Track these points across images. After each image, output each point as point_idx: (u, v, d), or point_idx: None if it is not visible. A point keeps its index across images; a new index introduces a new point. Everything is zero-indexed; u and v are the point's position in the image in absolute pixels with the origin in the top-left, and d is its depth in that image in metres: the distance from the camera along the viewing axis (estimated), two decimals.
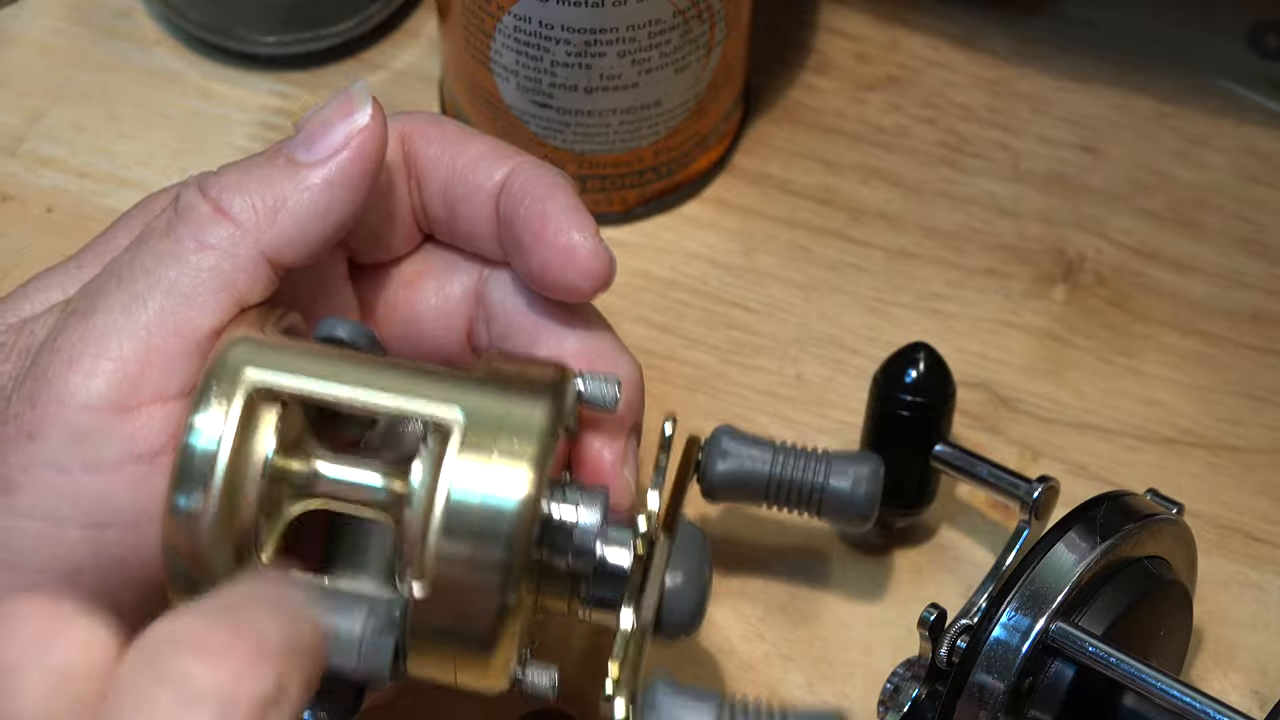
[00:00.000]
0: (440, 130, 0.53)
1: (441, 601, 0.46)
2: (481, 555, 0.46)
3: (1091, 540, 0.54)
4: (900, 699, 0.57)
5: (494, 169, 0.52)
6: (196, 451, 0.47)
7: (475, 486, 0.47)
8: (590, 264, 0.51)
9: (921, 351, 0.60)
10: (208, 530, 0.47)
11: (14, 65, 0.72)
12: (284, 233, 0.49)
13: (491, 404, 0.48)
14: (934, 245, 0.68)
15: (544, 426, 0.48)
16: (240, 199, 0.49)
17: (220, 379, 0.47)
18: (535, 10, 0.62)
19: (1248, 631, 0.61)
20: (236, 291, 0.49)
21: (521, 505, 0.47)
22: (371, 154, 0.50)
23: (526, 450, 0.47)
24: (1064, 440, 0.64)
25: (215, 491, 0.47)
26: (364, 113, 0.50)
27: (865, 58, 0.72)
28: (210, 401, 0.47)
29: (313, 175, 0.49)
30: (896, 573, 0.62)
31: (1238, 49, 0.72)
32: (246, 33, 0.71)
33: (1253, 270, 0.68)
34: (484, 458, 0.47)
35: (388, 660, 0.47)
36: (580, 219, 0.51)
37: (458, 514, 0.46)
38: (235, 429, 0.47)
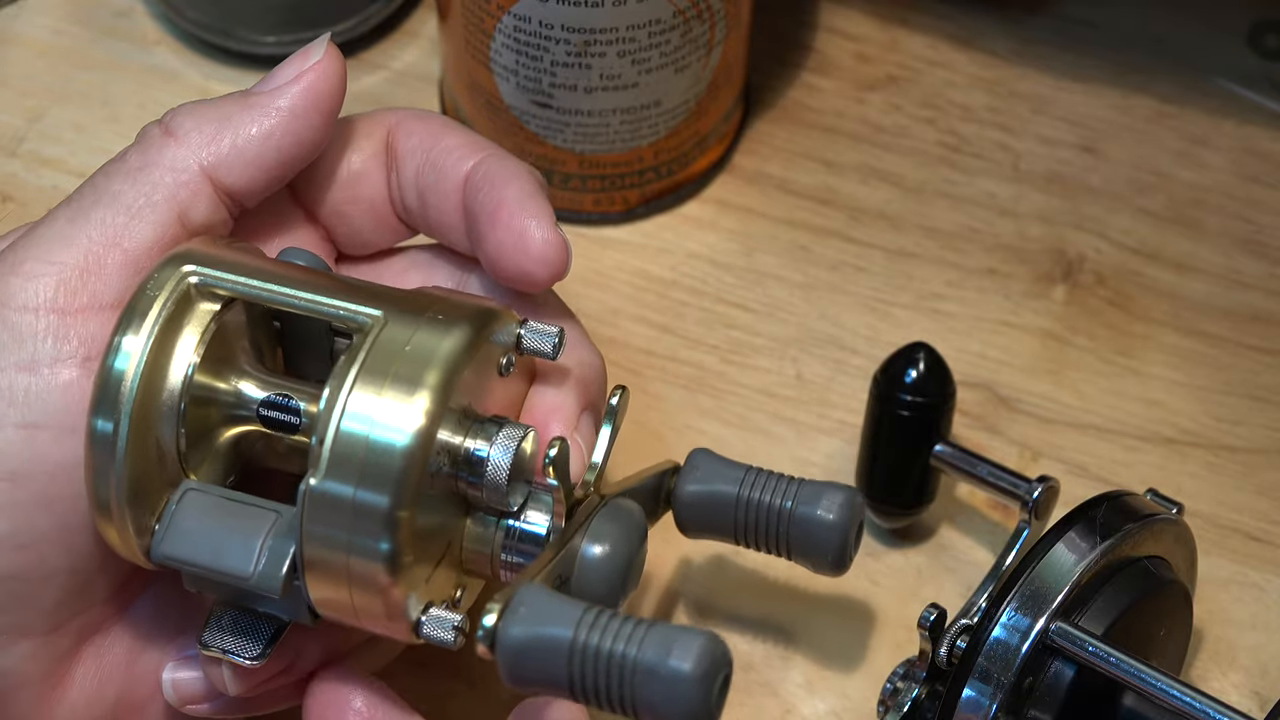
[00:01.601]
0: (423, 123, 0.54)
1: (333, 522, 0.46)
2: (366, 489, 0.46)
3: (1091, 540, 0.54)
4: (900, 699, 0.57)
5: (464, 159, 0.53)
6: (114, 371, 0.48)
7: (366, 417, 0.46)
8: (543, 250, 0.51)
9: (921, 351, 0.60)
10: (122, 451, 0.47)
11: (14, 65, 0.72)
12: (225, 151, 0.51)
13: (405, 321, 0.47)
14: (934, 245, 0.68)
15: (451, 352, 0.47)
16: (188, 121, 0.51)
17: (153, 281, 0.48)
18: (535, 10, 0.62)
19: (1248, 631, 0.61)
20: (178, 207, 0.50)
21: (412, 441, 0.46)
22: (320, 90, 0.51)
23: (428, 377, 0.47)
24: (1064, 440, 0.64)
25: (126, 412, 0.47)
26: (318, 53, 0.52)
27: (865, 58, 0.72)
28: (134, 318, 0.48)
29: (260, 100, 0.51)
30: (896, 573, 0.62)
31: (1238, 49, 0.72)
32: (246, 33, 0.71)
33: (1253, 270, 0.68)
34: (379, 384, 0.46)
35: (282, 570, 0.47)
36: (536, 206, 0.52)
37: (346, 445, 0.46)
38: (154, 340, 0.48)
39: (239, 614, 0.49)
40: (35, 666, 0.50)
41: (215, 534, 0.48)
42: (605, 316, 0.66)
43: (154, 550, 0.48)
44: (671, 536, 0.62)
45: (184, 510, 0.48)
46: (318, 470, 0.46)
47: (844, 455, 0.63)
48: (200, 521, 0.48)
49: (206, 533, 0.48)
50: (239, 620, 0.49)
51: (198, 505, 0.48)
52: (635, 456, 0.63)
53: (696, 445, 0.63)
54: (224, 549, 0.47)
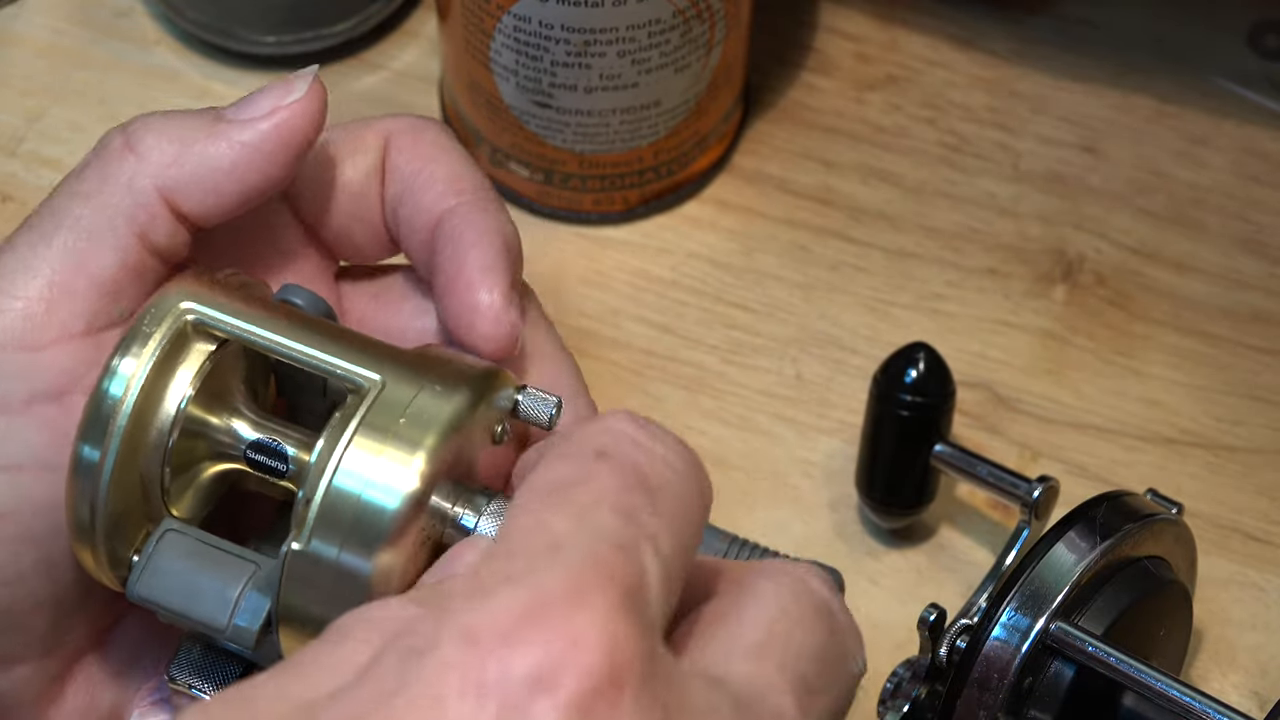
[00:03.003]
0: (415, 141, 0.52)
1: (313, 582, 0.46)
2: (350, 552, 0.45)
3: (1091, 540, 0.54)
4: (900, 699, 0.57)
5: (442, 199, 0.51)
6: (106, 399, 0.47)
7: (360, 476, 0.45)
8: (490, 329, 0.50)
9: (921, 351, 0.60)
10: (106, 482, 0.47)
11: (14, 65, 0.72)
12: (184, 175, 0.49)
13: (405, 383, 0.47)
14: (934, 245, 0.68)
15: (450, 418, 0.46)
16: (151, 137, 0.49)
17: (149, 317, 0.47)
18: (535, 10, 0.62)
19: (1248, 631, 0.61)
20: (137, 228, 0.49)
21: (404, 505, 0.45)
22: (293, 129, 0.49)
23: (426, 440, 0.46)
24: (1064, 440, 0.64)
25: (115, 440, 0.47)
26: (300, 89, 0.50)
27: (865, 58, 0.72)
28: (134, 344, 0.47)
29: (228, 131, 0.49)
30: (896, 573, 0.62)
31: (1238, 49, 0.72)
32: (246, 33, 0.71)
33: (1253, 270, 0.68)
34: (378, 443, 0.46)
35: (257, 625, 0.47)
36: (493, 279, 0.50)
37: (335, 503, 0.45)
38: (149, 373, 0.47)
39: (208, 650, 0.49)
40: (30, 690, 0.50)
41: (192, 580, 0.47)
42: (605, 316, 0.66)
43: (130, 589, 0.48)
44: None
45: (163, 552, 0.47)
46: (303, 530, 0.45)
47: (844, 455, 0.63)
48: (178, 565, 0.47)
49: (183, 578, 0.47)
50: (207, 656, 0.49)
51: (177, 548, 0.47)
52: None
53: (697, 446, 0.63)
54: (200, 597, 0.47)
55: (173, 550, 0.47)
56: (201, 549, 0.47)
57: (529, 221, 0.68)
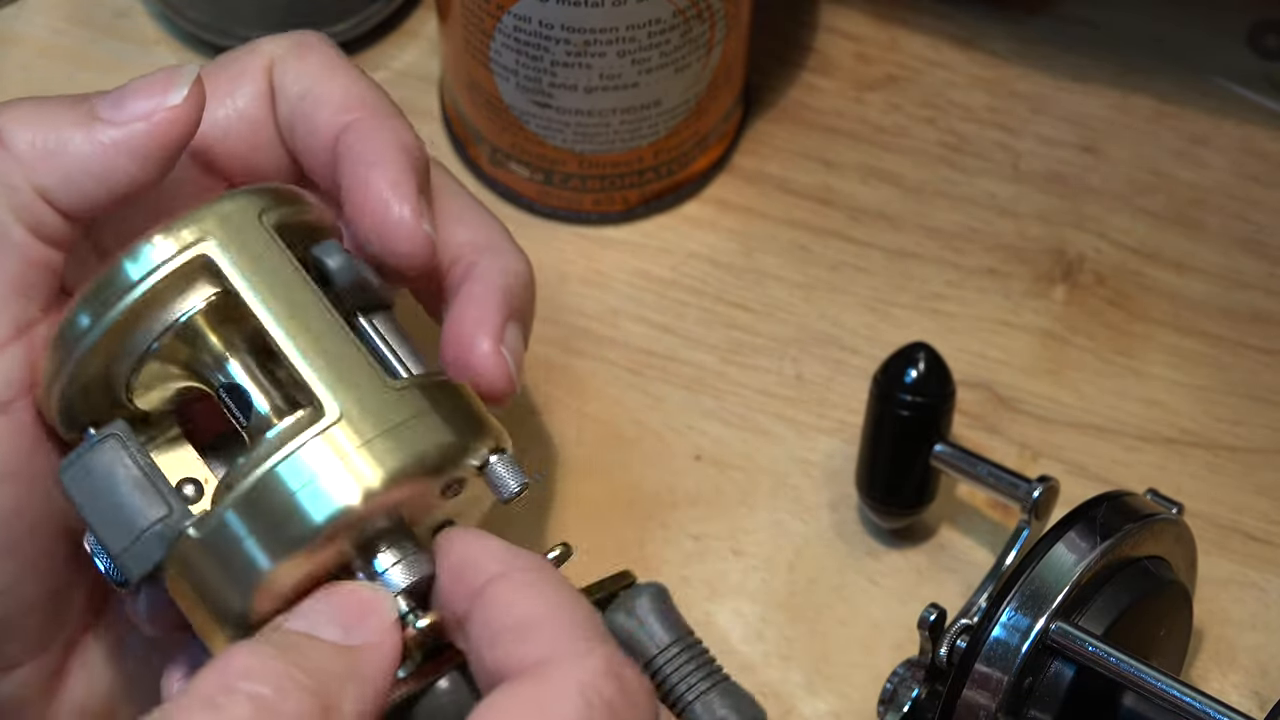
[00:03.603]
0: (300, 61, 0.51)
1: (209, 554, 0.45)
2: (258, 543, 0.45)
3: (1091, 540, 0.54)
4: (900, 699, 0.57)
5: (335, 118, 0.50)
6: (120, 276, 0.46)
7: (304, 472, 0.45)
8: (406, 247, 0.49)
9: (921, 351, 0.60)
10: (83, 352, 0.46)
11: (14, 65, 0.72)
12: (58, 178, 0.48)
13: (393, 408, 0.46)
14: (934, 245, 0.68)
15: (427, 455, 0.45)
16: (24, 132, 0.48)
17: (188, 227, 0.47)
18: (535, 10, 0.62)
19: (1248, 631, 0.61)
20: (24, 222, 0.48)
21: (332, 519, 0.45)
22: (168, 135, 0.48)
23: (390, 463, 0.45)
24: (1064, 440, 0.64)
25: (107, 322, 0.46)
26: (178, 94, 0.48)
27: (865, 58, 0.72)
28: (162, 240, 0.47)
29: (101, 132, 0.48)
30: (896, 573, 0.62)
31: (1238, 49, 0.72)
32: (246, 33, 0.71)
33: (1253, 270, 0.68)
34: (341, 448, 0.45)
35: (145, 568, 0.46)
36: (401, 192, 0.49)
37: (267, 489, 0.45)
38: (166, 275, 0.46)
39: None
40: (31, 688, 0.50)
41: (108, 496, 0.47)
42: (605, 316, 0.66)
43: (60, 472, 0.47)
44: (672, 535, 0.62)
45: (97, 454, 0.47)
46: (223, 499, 0.45)
47: (844, 455, 0.63)
48: (103, 475, 0.47)
49: (102, 490, 0.47)
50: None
51: (110, 456, 0.47)
52: (636, 456, 0.63)
53: (697, 446, 0.64)
54: (108, 516, 0.47)
55: (106, 457, 0.47)
56: (129, 469, 0.47)
57: (529, 221, 0.68)
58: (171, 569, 0.46)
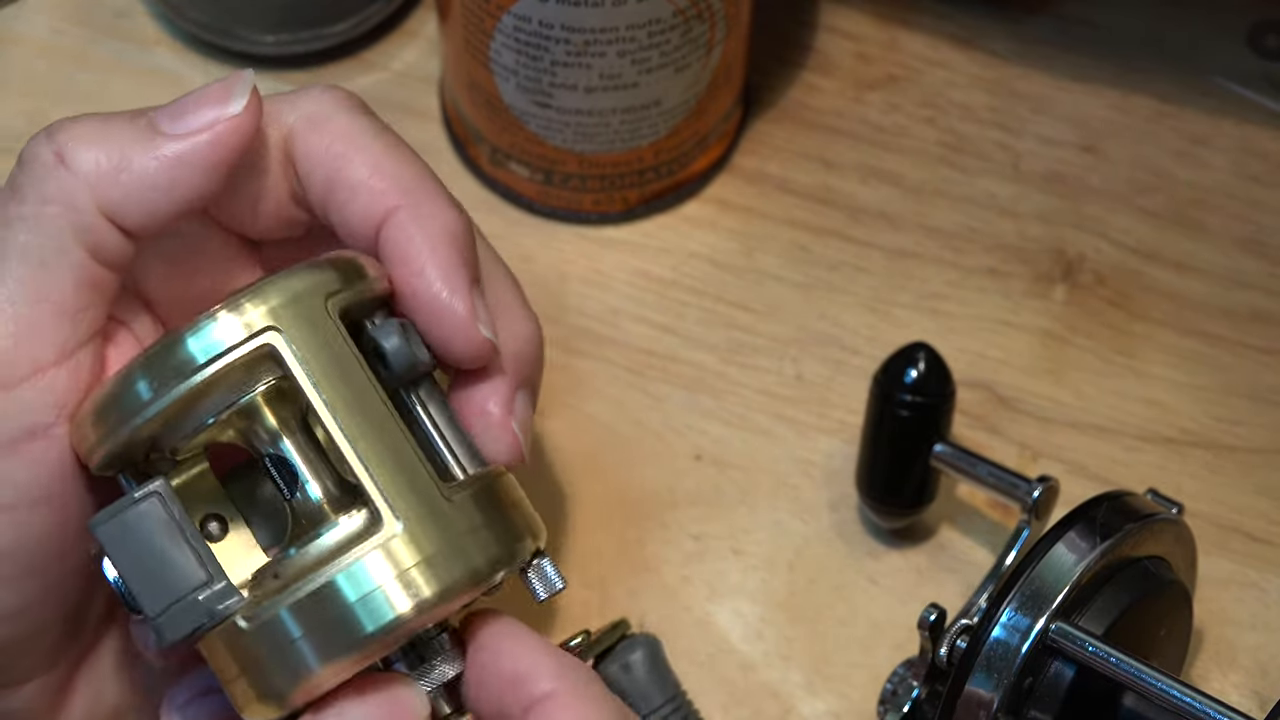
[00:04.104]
0: (327, 137, 0.50)
1: (255, 643, 0.46)
2: (310, 645, 0.45)
3: (1091, 540, 0.54)
4: (900, 699, 0.57)
5: (372, 203, 0.49)
6: (183, 352, 0.46)
7: (365, 582, 0.46)
8: (466, 350, 0.49)
9: (921, 351, 0.60)
10: (138, 423, 0.46)
11: (14, 65, 0.72)
12: (124, 195, 0.47)
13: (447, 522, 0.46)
14: (934, 245, 0.68)
15: (477, 573, 0.46)
16: (86, 151, 0.47)
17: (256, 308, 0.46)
18: (535, 10, 0.62)
19: (1248, 631, 0.61)
20: (85, 245, 0.47)
21: (379, 630, 0.45)
22: (231, 145, 0.48)
23: (445, 580, 0.46)
24: (1064, 440, 0.64)
25: (167, 400, 0.46)
26: (238, 102, 0.48)
27: (865, 58, 0.72)
28: (229, 319, 0.46)
29: (165, 146, 0.47)
30: (896, 573, 0.62)
31: (1238, 49, 0.72)
32: (246, 33, 0.71)
33: (1253, 270, 0.68)
34: (401, 562, 0.46)
35: (179, 636, 0.46)
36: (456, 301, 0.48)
37: (326, 595, 0.46)
38: (232, 360, 0.46)
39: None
40: (39, 702, 0.50)
41: (145, 557, 0.46)
42: (605, 316, 0.66)
43: (92, 525, 0.47)
44: (672, 535, 0.62)
45: (139, 512, 0.47)
46: (279, 598, 0.46)
47: (844, 455, 0.63)
48: (142, 534, 0.46)
49: (139, 550, 0.46)
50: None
51: (152, 516, 0.47)
52: (636, 456, 0.63)
53: (697, 446, 0.64)
54: (145, 576, 0.46)
55: (147, 516, 0.46)
56: (171, 532, 0.46)
57: (529, 221, 0.68)
58: (215, 638, 0.46)
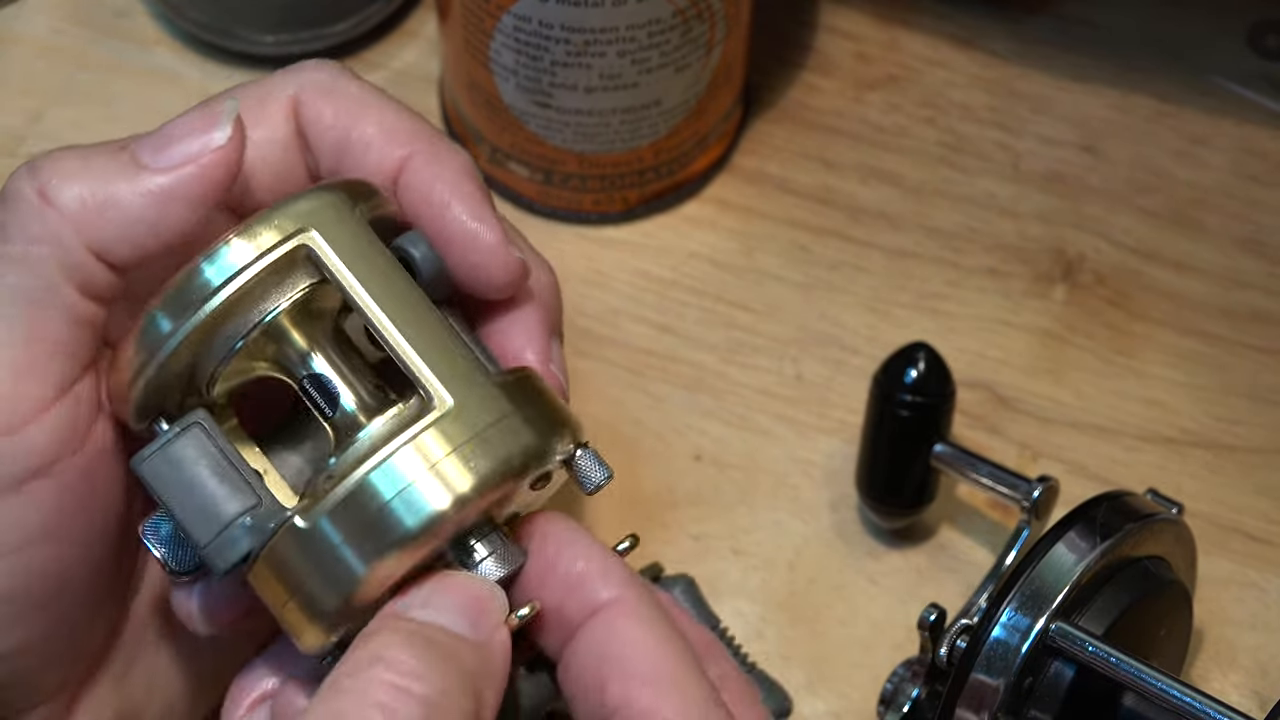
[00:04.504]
0: (336, 101, 0.50)
1: (303, 553, 0.45)
2: (353, 548, 0.45)
3: (1091, 540, 0.54)
4: (900, 699, 0.57)
5: (388, 151, 0.50)
6: (199, 279, 0.46)
7: (399, 479, 0.45)
8: (501, 275, 0.49)
9: (921, 351, 0.60)
10: (165, 355, 0.46)
11: (14, 65, 0.72)
12: (111, 233, 0.47)
13: (486, 405, 0.46)
14: (934, 245, 0.68)
15: (516, 459, 0.46)
16: (70, 188, 0.47)
17: (277, 219, 0.46)
18: (535, 10, 0.62)
19: (1248, 631, 0.61)
20: (74, 282, 0.47)
21: (419, 526, 0.45)
22: (218, 178, 0.47)
23: (481, 469, 0.45)
24: (1064, 440, 0.64)
25: (190, 326, 0.46)
26: (222, 132, 0.47)
27: (865, 58, 0.72)
28: (249, 239, 0.46)
29: (150, 181, 0.47)
30: (896, 573, 0.62)
31: (1238, 49, 0.72)
32: (246, 33, 0.71)
33: (1253, 270, 0.68)
34: (431, 455, 0.45)
35: (233, 560, 0.46)
36: (486, 224, 0.49)
37: (361, 496, 0.45)
38: (249, 278, 0.46)
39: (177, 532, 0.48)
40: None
41: (194, 486, 0.46)
42: (605, 316, 0.66)
43: (136, 462, 0.47)
44: (672, 535, 0.62)
45: (182, 444, 0.47)
46: (316, 504, 0.45)
47: (844, 455, 0.63)
48: (188, 465, 0.46)
49: (188, 479, 0.46)
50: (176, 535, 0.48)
51: (195, 446, 0.47)
52: (637, 456, 0.63)
53: (697, 446, 0.64)
54: (194, 506, 0.46)
55: (191, 447, 0.47)
56: (217, 458, 0.46)
57: (529, 221, 0.68)
58: (261, 564, 0.46)
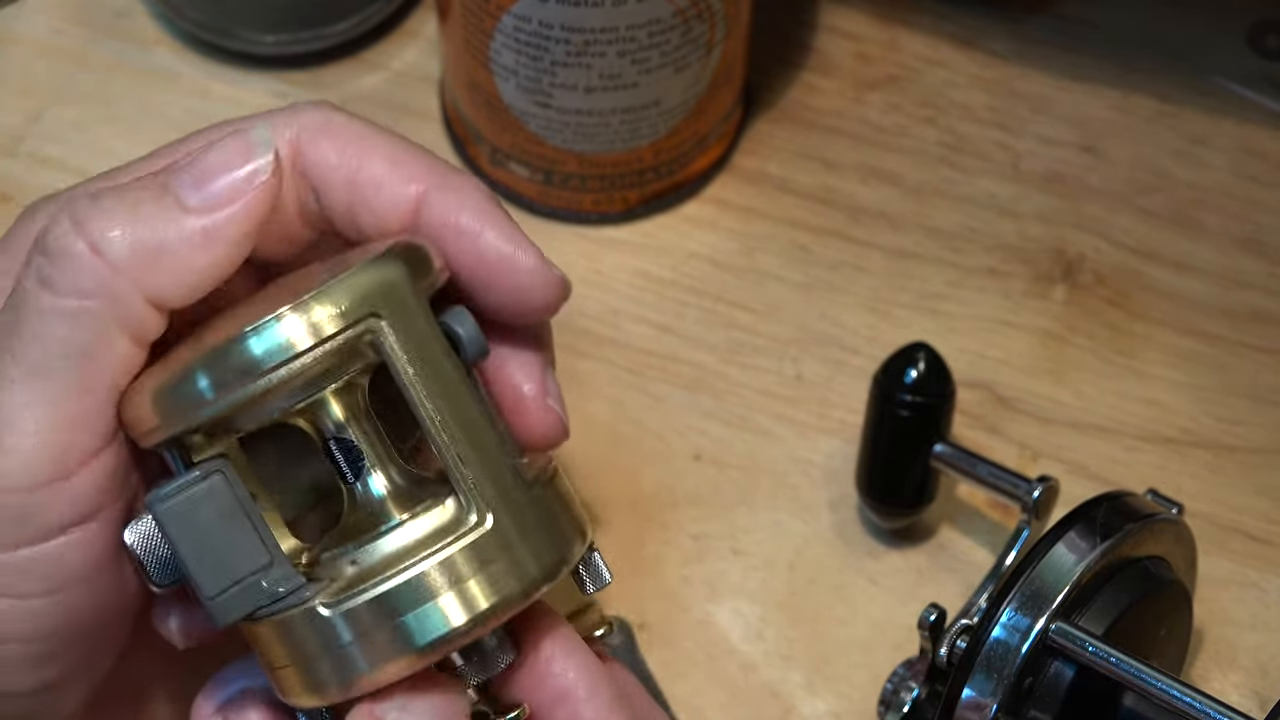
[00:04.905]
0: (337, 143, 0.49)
1: (310, 635, 0.46)
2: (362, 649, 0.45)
3: (1091, 540, 0.54)
4: (900, 699, 0.57)
5: (399, 191, 0.49)
6: (250, 351, 0.45)
7: (425, 594, 0.45)
8: (547, 298, 0.49)
9: (921, 351, 0.60)
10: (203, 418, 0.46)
11: (14, 65, 0.72)
12: (166, 280, 0.46)
13: (512, 523, 0.46)
14: (934, 245, 0.68)
15: (533, 585, 0.46)
16: (120, 239, 0.46)
17: (344, 303, 0.45)
18: (535, 10, 0.62)
19: (1248, 631, 0.61)
20: (128, 331, 0.46)
21: (433, 642, 0.45)
22: (262, 211, 0.47)
23: (504, 589, 0.45)
24: (1064, 440, 0.64)
25: (233, 398, 0.45)
26: (264, 163, 0.47)
27: (865, 58, 0.72)
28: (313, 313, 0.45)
29: (197, 223, 0.46)
30: (896, 573, 0.62)
31: (1238, 49, 0.72)
32: (246, 33, 0.71)
33: (1253, 270, 0.68)
34: (461, 574, 0.45)
35: (237, 617, 0.46)
36: (521, 248, 0.48)
37: (387, 602, 0.45)
38: (306, 362, 0.45)
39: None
40: None
41: (207, 538, 0.46)
42: (605, 316, 0.66)
43: (151, 501, 0.46)
44: (672, 535, 0.62)
45: (202, 491, 0.46)
46: (338, 596, 0.45)
47: (844, 455, 0.63)
48: (205, 515, 0.46)
49: (201, 530, 0.46)
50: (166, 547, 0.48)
51: (215, 497, 0.46)
52: (637, 456, 0.63)
53: (697, 446, 0.64)
54: (203, 557, 0.46)
55: (211, 497, 0.46)
56: (234, 512, 0.46)
57: (529, 221, 0.68)
58: (267, 626, 0.46)
